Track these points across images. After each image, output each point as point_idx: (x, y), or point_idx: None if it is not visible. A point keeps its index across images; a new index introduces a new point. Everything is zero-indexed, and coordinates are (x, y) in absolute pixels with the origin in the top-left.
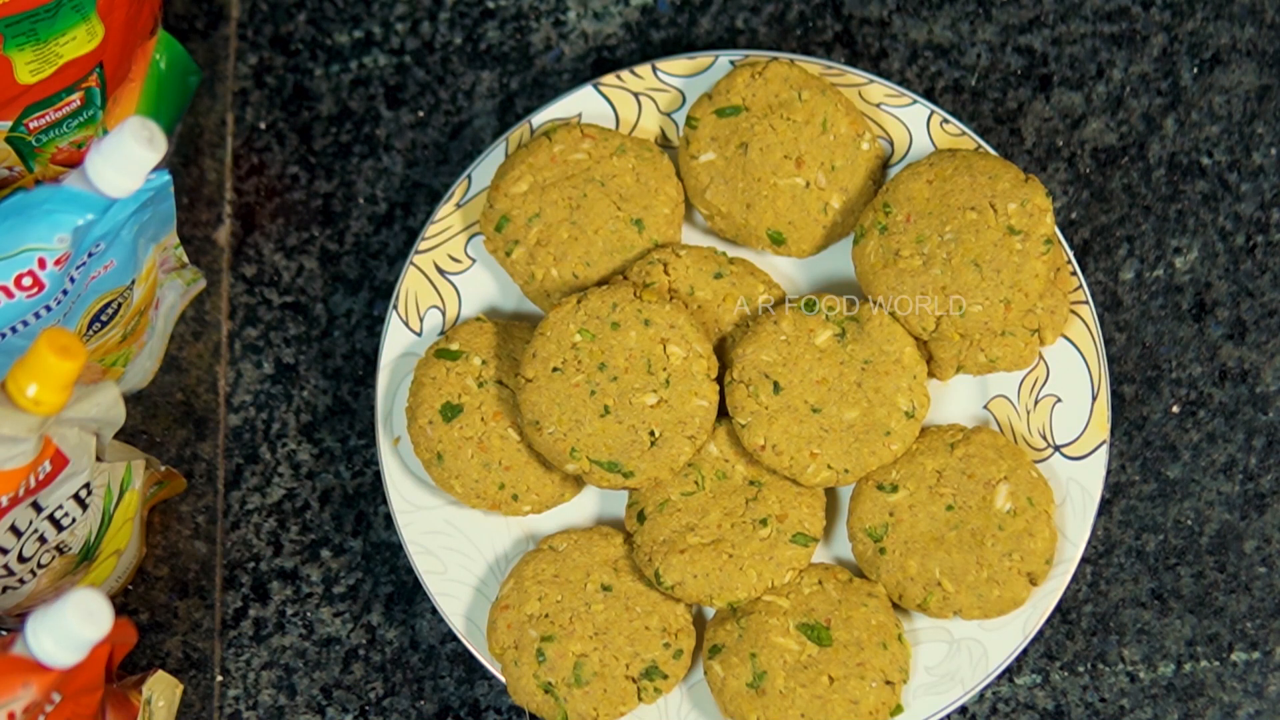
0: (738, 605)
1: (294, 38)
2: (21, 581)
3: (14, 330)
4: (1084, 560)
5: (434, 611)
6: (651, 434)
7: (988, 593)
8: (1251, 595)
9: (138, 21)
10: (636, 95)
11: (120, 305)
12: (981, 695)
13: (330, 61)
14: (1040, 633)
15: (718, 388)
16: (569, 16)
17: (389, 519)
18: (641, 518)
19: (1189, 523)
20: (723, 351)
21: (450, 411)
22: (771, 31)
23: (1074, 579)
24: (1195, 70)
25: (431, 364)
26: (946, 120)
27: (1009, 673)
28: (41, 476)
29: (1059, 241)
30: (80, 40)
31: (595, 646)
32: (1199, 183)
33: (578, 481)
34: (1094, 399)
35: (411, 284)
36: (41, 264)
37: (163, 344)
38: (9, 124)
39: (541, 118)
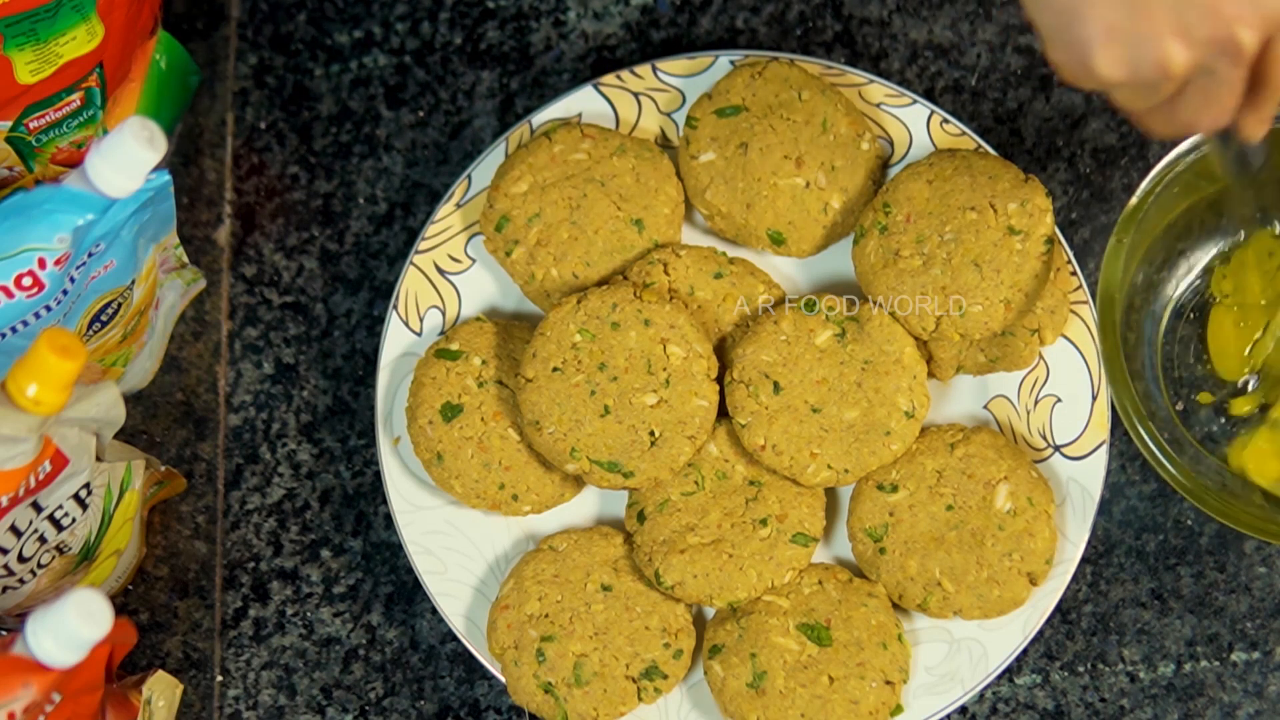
0: (738, 605)
1: (294, 38)
2: (21, 581)
3: (14, 330)
4: (1084, 560)
5: (434, 611)
6: (651, 434)
7: (988, 593)
8: (1251, 595)
9: (138, 21)
10: (636, 95)
11: (120, 305)
12: (981, 695)
13: (330, 61)
14: (1040, 633)
15: (718, 388)
16: (569, 16)
17: (389, 519)
18: (641, 518)
19: (1189, 523)
20: (723, 351)
21: (450, 411)
22: (771, 31)
23: (1074, 579)
24: None
25: (431, 364)
26: (946, 120)
27: (1009, 673)
28: (41, 476)
29: (1059, 241)
30: (80, 40)
31: (595, 646)
32: None
33: (578, 481)
34: (1094, 399)
35: (411, 284)
36: (41, 264)
37: (163, 344)
38: (9, 124)
39: (541, 118)
